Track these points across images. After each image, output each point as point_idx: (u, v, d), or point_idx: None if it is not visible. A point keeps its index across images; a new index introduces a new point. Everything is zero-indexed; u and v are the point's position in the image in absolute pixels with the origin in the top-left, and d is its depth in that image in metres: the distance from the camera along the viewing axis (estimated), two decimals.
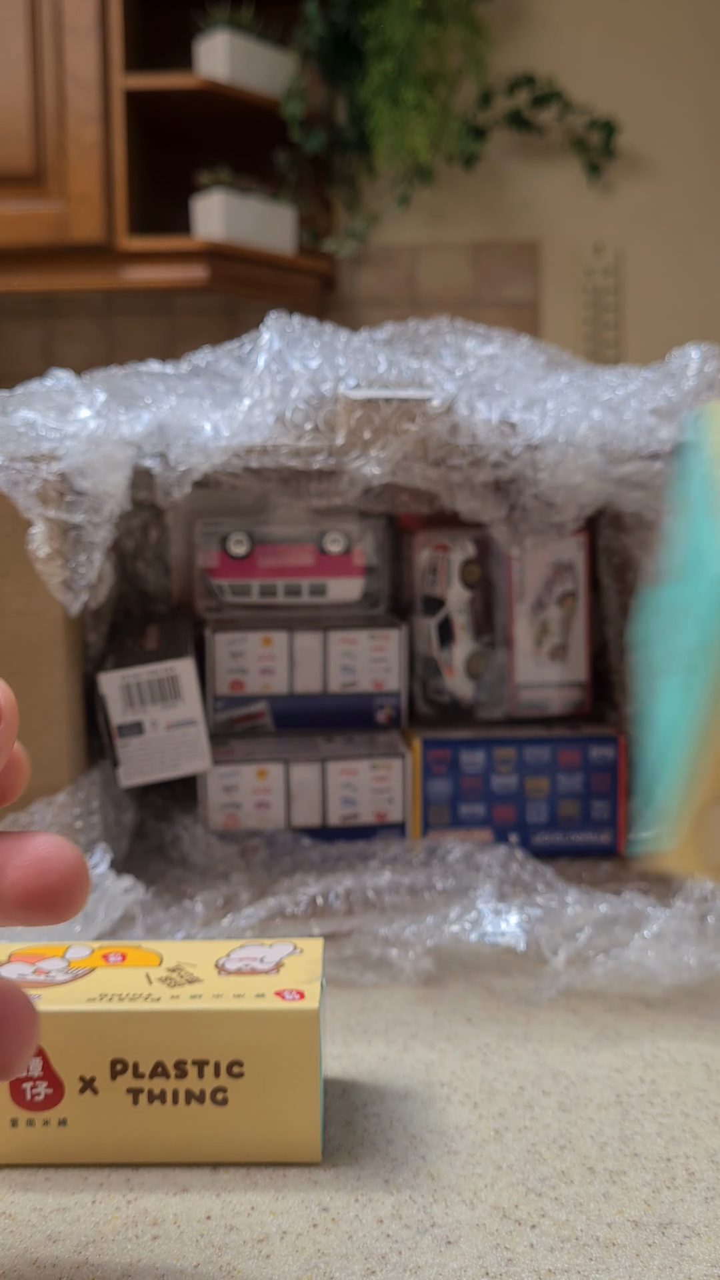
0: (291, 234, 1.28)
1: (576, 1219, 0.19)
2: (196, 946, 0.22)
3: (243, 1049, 0.20)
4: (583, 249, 1.39)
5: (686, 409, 0.32)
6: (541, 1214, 0.19)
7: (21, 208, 1.20)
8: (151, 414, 0.31)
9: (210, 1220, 0.19)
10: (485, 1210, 0.19)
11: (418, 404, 0.31)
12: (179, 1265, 0.17)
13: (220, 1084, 0.20)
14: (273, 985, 0.21)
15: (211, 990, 0.20)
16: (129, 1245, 0.18)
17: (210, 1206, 0.19)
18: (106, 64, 1.18)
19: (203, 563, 0.39)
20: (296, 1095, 0.20)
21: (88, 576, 0.31)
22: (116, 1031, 0.20)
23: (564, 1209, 0.19)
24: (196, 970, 0.21)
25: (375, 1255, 0.18)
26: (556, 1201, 0.19)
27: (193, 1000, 0.20)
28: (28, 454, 0.30)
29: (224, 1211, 0.19)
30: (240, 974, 0.21)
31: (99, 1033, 0.20)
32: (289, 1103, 0.20)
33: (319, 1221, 0.18)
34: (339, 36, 1.25)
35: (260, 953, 0.22)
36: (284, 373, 0.31)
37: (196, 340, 1.39)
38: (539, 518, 0.34)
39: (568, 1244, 0.18)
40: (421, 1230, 0.18)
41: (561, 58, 1.34)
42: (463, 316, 1.37)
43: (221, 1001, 0.20)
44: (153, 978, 0.21)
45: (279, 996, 0.20)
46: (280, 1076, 0.20)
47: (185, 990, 0.20)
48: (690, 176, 1.37)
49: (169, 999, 0.20)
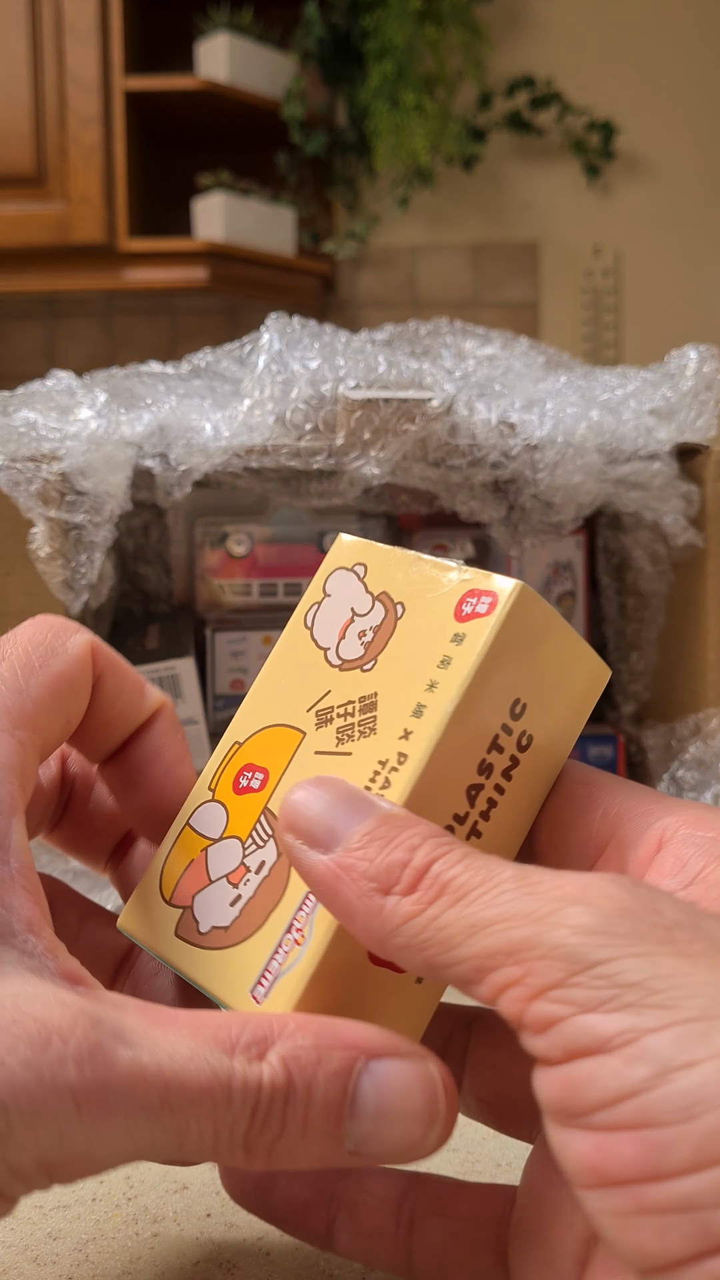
0: (292, 235, 1.28)
1: None
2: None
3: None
4: (582, 250, 1.39)
5: (685, 409, 0.33)
6: None
7: (23, 209, 1.20)
8: (152, 414, 0.32)
9: (210, 1218, 0.19)
10: None
11: (417, 404, 0.31)
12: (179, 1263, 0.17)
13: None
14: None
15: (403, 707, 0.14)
16: (129, 1243, 0.18)
17: (210, 1204, 0.19)
18: (107, 66, 1.18)
19: (203, 562, 0.39)
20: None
21: (89, 576, 0.31)
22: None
23: None
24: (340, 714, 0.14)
25: None
26: None
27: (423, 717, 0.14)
28: (29, 454, 0.30)
29: (224, 1209, 0.19)
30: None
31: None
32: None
33: None
34: (339, 38, 1.26)
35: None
36: (284, 373, 0.32)
37: (197, 341, 1.40)
38: (538, 518, 0.34)
39: None
40: None
41: (560, 60, 1.34)
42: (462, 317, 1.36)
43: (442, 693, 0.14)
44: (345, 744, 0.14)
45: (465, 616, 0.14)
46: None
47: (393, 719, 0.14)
48: (688, 178, 1.37)
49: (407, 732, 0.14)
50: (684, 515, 0.33)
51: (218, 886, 0.15)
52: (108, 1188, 0.20)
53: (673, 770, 0.33)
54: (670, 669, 0.36)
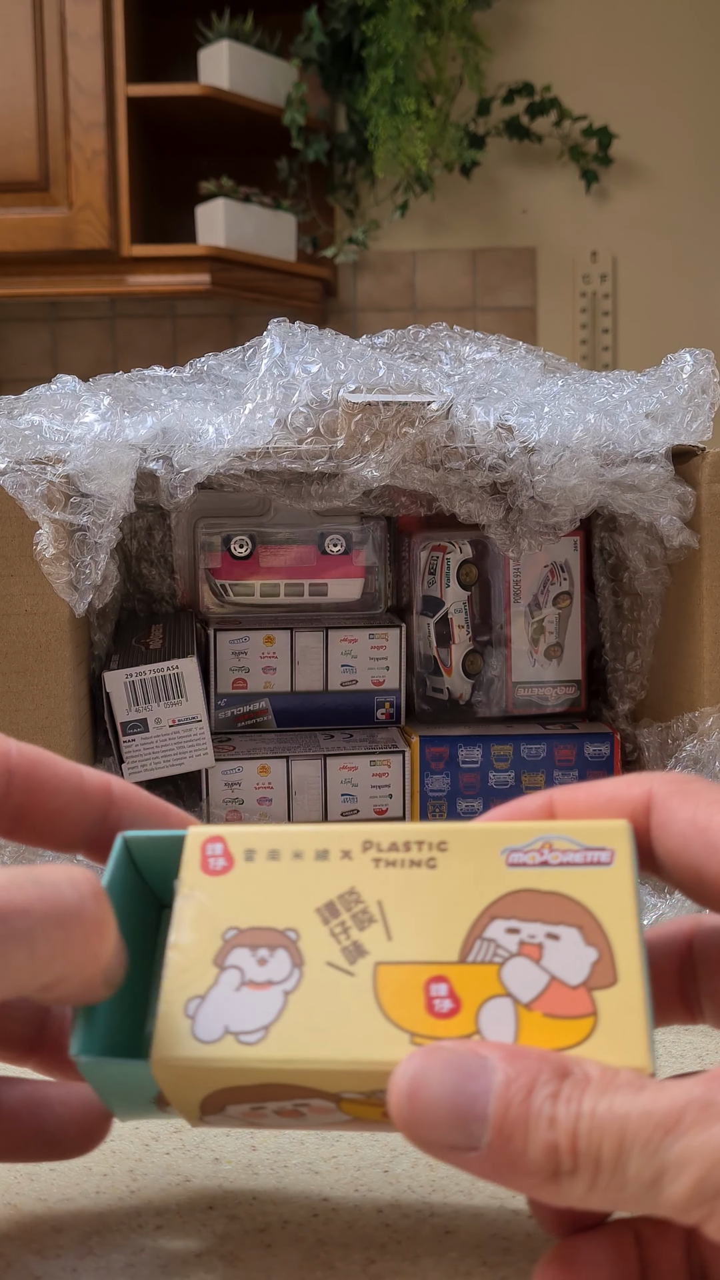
0: (292, 241, 1.29)
1: None
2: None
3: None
4: (579, 255, 1.40)
5: (680, 412, 0.33)
6: None
7: (27, 214, 1.21)
8: (155, 418, 0.32)
9: (213, 1210, 0.19)
10: (483, 1200, 0.19)
11: (416, 408, 0.32)
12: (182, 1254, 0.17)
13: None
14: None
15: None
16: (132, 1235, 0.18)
17: (213, 1196, 0.19)
18: (110, 73, 1.19)
19: (206, 563, 0.39)
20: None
21: (93, 577, 0.31)
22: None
23: None
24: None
25: (375, 1244, 0.18)
26: None
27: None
28: (34, 457, 0.31)
29: (226, 1201, 0.19)
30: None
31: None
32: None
33: (319, 1211, 0.19)
34: (339, 45, 1.27)
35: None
36: (285, 377, 0.32)
37: (199, 345, 1.40)
38: (535, 519, 0.35)
39: None
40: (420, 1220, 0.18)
41: (558, 67, 1.35)
42: (461, 322, 1.37)
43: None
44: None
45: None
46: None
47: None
48: (685, 184, 1.38)
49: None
50: (679, 517, 0.33)
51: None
52: (111, 1180, 0.20)
53: (669, 768, 0.33)
54: (666, 668, 0.36)
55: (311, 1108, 0.15)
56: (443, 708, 0.40)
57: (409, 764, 0.37)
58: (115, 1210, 0.19)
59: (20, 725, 0.31)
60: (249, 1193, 0.19)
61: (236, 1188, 0.19)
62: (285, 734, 0.38)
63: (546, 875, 0.15)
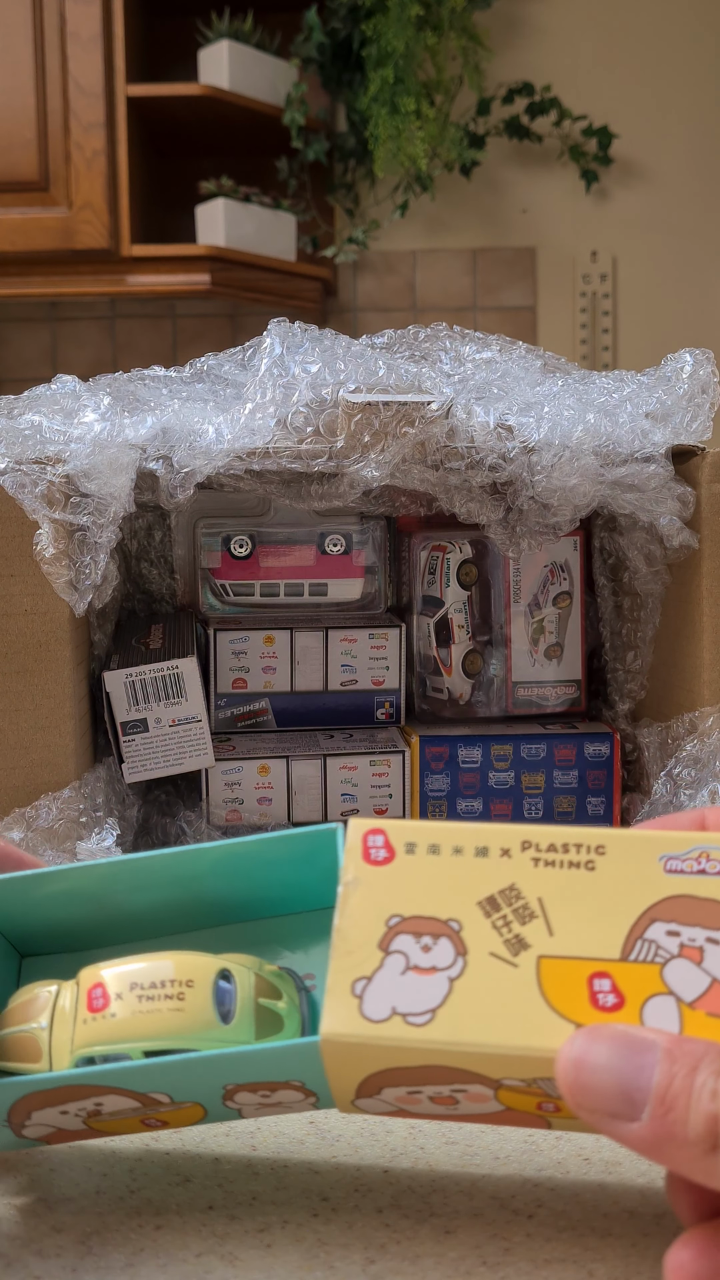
0: (292, 240, 1.29)
1: (573, 1209, 0.19)
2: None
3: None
4: (579, 255, 1.40)
5: (680, 412, 0.33)
6: (538, 1204, 0.19)
7: (27, 214, 1.21)
8: (155, 418, 0.32)
9: (212, 1210, 0.19)
10: (483, 1200, 0.19)
11: (416, 408, 0.32)
12: (181, 1254, 0.17)
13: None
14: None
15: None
16: (133, 1235, 0.18)
17: (212, 1197, 0.19)
18: (110, 72, 1.19)
19: (206, 563, 0.39)
20: None
21: (93, 577, 0.31)
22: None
23: (560, 1199, 0.19)
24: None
25: (375, 1244, 0.18)
26: (553, 1192, 0.19)
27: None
28: (34, 457, 0.31)
29: (226, 1201, 0.19)
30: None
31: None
32: None
33: (319, 1211, 0.19)
34: (339, 45, 1.27)
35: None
36: (285, 377, 0.32)
37: (199, 345, 1.40)
38: (535, 519, 0.35)
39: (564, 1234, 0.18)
40: (420, 1220, 0.18)
41: (558, 66, 1.35)
42: (461, 322, 1.38)
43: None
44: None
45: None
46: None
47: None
48: (684, 184, 1.38)
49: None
50: (679, 517, 0.33)
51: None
52: (111, 1181, 0.20)
53: (669, 768, 0.33)
54: (666, 668, 0.36)
55: (468, 1095, 0.16)
56: (442, 708, 0.40)
57: (409, 764, 0.37)
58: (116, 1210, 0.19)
59: (20, 725, 0.31)
60: (249, 1193, 0.19)
61: (236, 1188, 0.19)
62: (285, 734, 0.38)
63: (705, 883, 0.16)
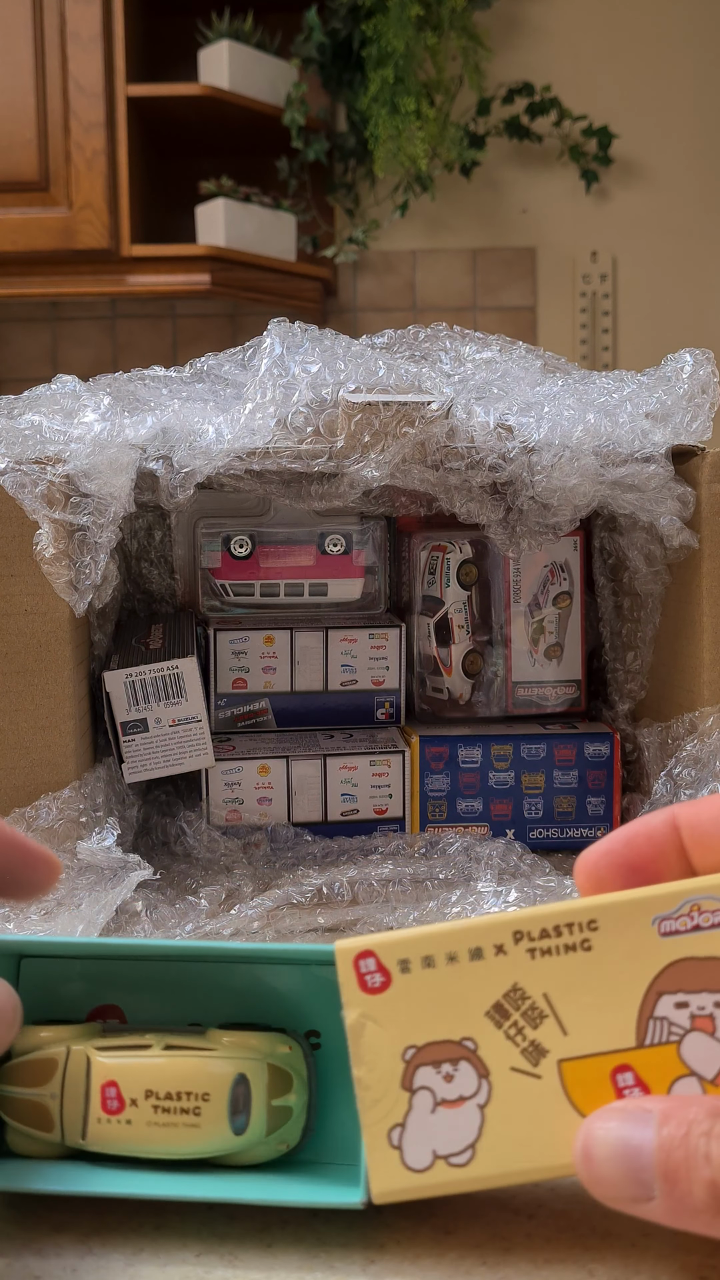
0: (293, 240, 1.29)
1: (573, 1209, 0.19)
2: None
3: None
4: (579, 255, 1.40)
5: (680, 412, 0.33)
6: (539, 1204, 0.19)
7: (27, 214, 1.21)
8: (155, 418, 0.32)
9: (212, 1210, 0.19)
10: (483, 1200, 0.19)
11: (416, 408, 0.32)
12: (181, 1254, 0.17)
13: None
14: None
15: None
16: (132, 1235, 0.18)
17: None
18: (110, 73, 1.19)
19: (206, 563, 0.39)
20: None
21: (93, 577, 0.31)
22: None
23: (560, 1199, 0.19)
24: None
25: (375, 1245, 0.18)
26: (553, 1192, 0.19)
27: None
28: (34, 457, 0.31)
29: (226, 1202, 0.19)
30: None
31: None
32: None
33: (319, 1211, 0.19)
34: (339, 45, 1.27)
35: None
36: (285, 377, 0.32)
37: (198, 345, 1.40)
38: (535, 519, 0.35)
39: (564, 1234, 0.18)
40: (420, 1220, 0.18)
41: (558, 66, 1.35)
42: (461, 322, 1.38)
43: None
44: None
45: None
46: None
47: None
48: (684, 184, 1.38)
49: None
50: (679, 517, 0.34)
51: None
52: None
53: (669, 768, 0.33)
54: (666, 668, 0.37)
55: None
56: (442, 708, 0.40)
57: (409, 764, 0.37)
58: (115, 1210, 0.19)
59: (20, 725, 0.31)
60: None
61: None
62: (285, 734, 0.38)
63: (701, 940, 0.16)
